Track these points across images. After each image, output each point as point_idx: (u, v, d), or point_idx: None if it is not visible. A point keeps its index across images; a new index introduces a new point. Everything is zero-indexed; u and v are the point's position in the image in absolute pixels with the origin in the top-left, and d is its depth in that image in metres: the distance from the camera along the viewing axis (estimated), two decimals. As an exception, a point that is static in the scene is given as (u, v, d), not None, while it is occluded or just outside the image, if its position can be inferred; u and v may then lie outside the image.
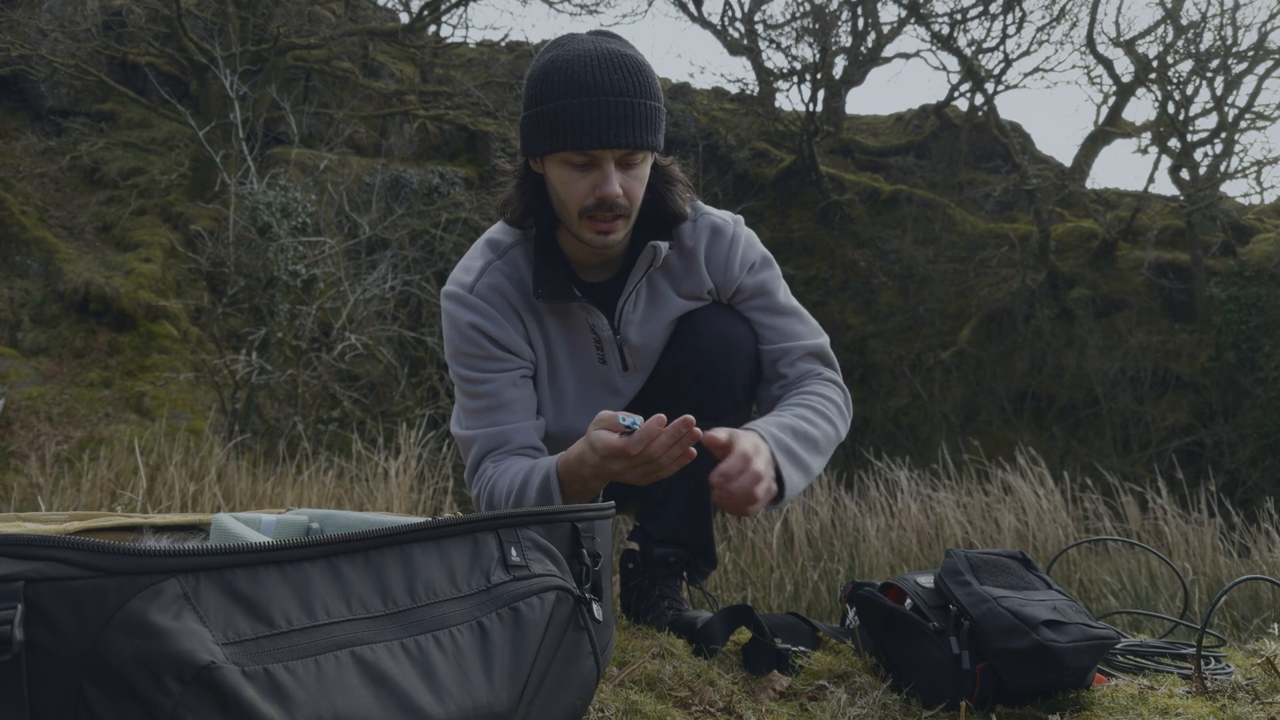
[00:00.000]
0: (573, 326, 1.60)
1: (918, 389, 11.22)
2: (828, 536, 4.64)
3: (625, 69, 1.40)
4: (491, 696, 0.81)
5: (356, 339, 7.88)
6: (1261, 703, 1.29)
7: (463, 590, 0.86)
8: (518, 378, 1.56)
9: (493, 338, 1.55)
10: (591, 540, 1.03)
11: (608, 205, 1.43)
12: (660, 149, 1.48)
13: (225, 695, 0.65)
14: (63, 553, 0.67)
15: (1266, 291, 10.71)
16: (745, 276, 1.63)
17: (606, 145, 1.38)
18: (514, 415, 1.54)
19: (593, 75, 1.38)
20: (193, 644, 0.65)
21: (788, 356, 1.62)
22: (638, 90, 1.40)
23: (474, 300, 1.55)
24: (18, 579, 0.65)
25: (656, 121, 1.44)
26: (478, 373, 1.55)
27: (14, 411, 7.35)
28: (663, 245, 1.53)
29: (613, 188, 1.41)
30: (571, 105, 1.38)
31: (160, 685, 0.64)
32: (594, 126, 1.37)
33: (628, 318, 1.58)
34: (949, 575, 1.37)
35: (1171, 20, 12.12)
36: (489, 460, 1.52)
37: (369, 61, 12.49)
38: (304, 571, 0.76)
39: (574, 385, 1.62)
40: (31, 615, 0.65)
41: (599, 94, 1.38)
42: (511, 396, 1.55)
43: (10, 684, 0.64)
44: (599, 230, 1.46)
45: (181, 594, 0.68)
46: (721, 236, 1.61)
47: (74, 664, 0.65)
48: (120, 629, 0.65)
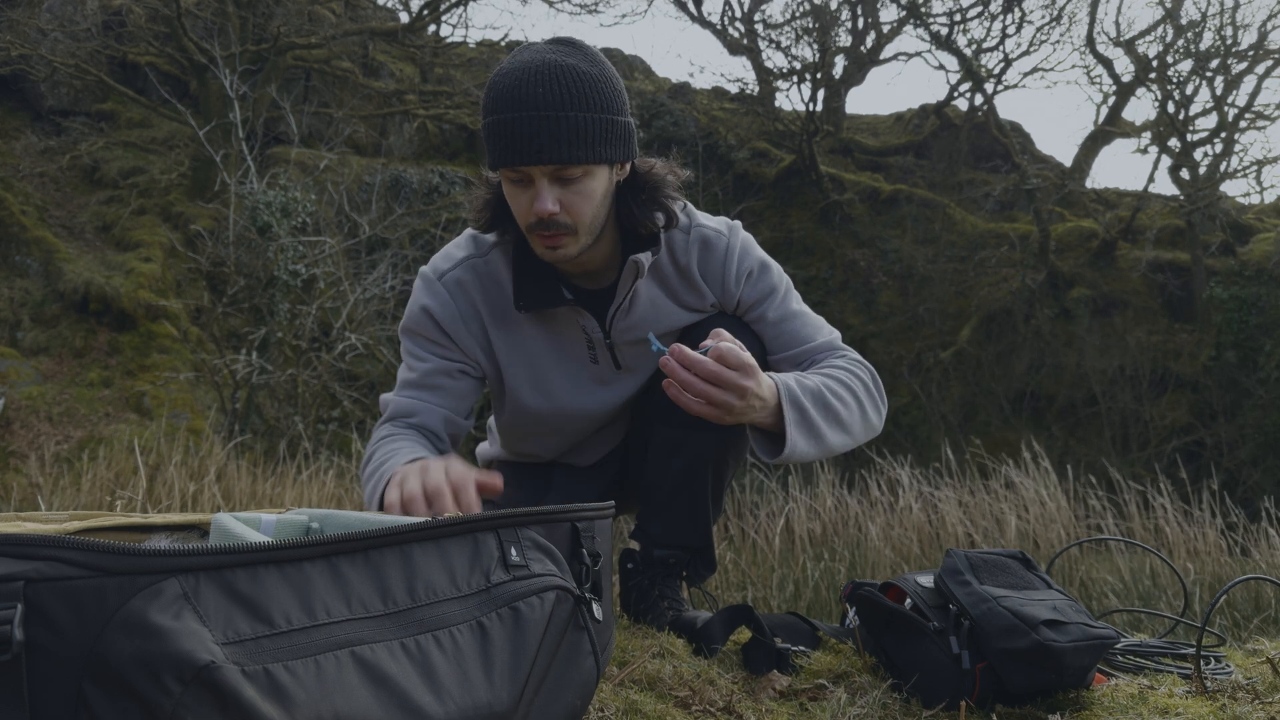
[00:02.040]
0: (560, 327, 1.58)
1: (916, 389, 11.22)
2: (828, 536, 4.64)
3: (559, 81, 1.35)
4: (492, 696, 0.81)
5: (356, 339, 7.88)
6: (1261, 702, 1.29)
7: (462, 590, 0.85)
8: (454, 370, 1.57)
9: (440, 324, 1.56)
10: (591, 540, 1.03)
11: (545, 223, 1.39)
12: (607, 160, 1.40)
13: (225, 695, 0.65)
14: (63, 552, 0.66)
15: (1266, 291, 10.72)
16: (744, 288, 1.59)
17: (529, 161, 1.35)
18: (433, 398, 1.55)
19: (521, 90, 1.34)
20: (193, 644, 0.65)
21: (803, 357, 1.58)
22: (568, 103, 1.34)
23: (438, 288, 1.56)
24: (18, 579, 0.65)
25: (595, 134, 1.37)
26: (419, 349, 1.58)
27: (14, 411, 7.35)
28: (644, 258, 1.49)
29: (544, 205, 1.37)
30: (500, 121, 1.35)
31: (160, 685, 0.63)
32: (517, 142, 1.34)
33: (620, 323, 1.56)
34: (949, 575, 1.37)
35: (1171, 20, 12.13)
36: (391, 425, 1.54)
37: (369, 61, 12.50)
38: (304, 571, 0.76)
39: (564, 383, 1.61)
40: (31, 615, 0.64)
41: (523, 109, 1.34)
42: (440, 383, 1.56)
43: (10, 684, 0.63)
44: (547, 245, 1.42)
45: (181, 594, 0.68)
46: (713, 250, 1.57)
47: (74, 664, 0.65)
48: (120, 629, 0.65)
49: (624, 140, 1.43)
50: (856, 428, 1.50)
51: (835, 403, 1.45)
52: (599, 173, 1.41)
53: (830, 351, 1.59)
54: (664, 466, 1.61)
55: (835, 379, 1.49)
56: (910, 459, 5.15)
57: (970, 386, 11.33)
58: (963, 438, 8.38)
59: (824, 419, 1.43)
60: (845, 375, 1.52)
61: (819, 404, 1.43)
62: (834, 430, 1.45)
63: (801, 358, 1.57)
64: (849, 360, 1.57)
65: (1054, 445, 10.08)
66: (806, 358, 1.57)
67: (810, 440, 1.41)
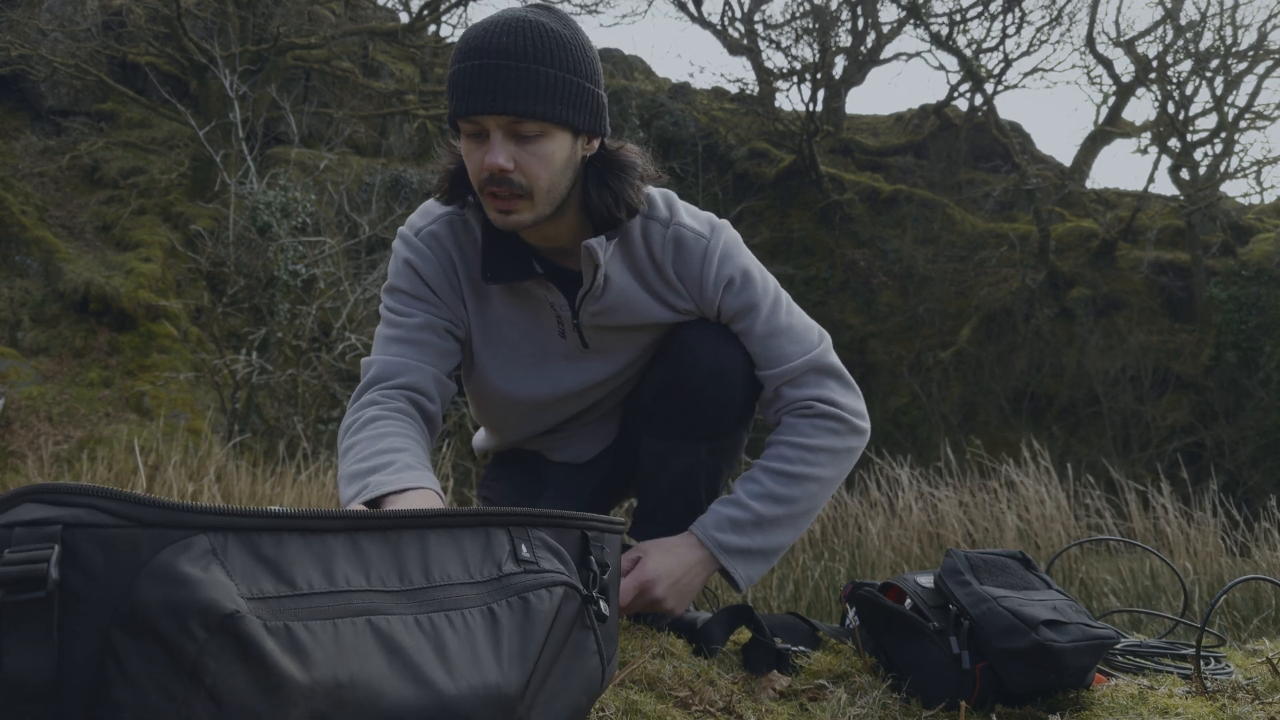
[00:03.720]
0: (530, 302, 1.53)
1: (916, 389, 11.22)
2: (828, 536, 4.64)
3: (524, 34, 1.29)
4: (501, 678, 0.83)
5: (356, 339, 7.88)
6: (1261, 703, 1.29)
7: (475, 577, 0.88)
8: (439, 326, 1.50)
9: (425, 279, 1.50)
10: (601, 550, 1.04)
11: (497, 179, 1.32)
12: (573, 125, 1.33)
13: (248, 645, 0.67)
14: (100, 501, 0.69)
15: (1266, 291, 10.72)
16: (724, 298, 1.50)
17: (483, 110, 1.28)
18: (419, 354, 1.47)
19: (486, 39, 1.29)
20: (219, 593, 0.67)
21: (784, 378, 1.52)
22: (530, 56, 1.28)
23: (417, 243, 1.51)
24: (56, 523, 0.67)
25: (556, 92, 1.30)
26: (402, 304, 1.50)
27: (14, 411, 7.35)
28: (595, 244, 1.41)
29: (495, 158, 1.29)
30: (461, 70, 1.30)
31: (186, 631, 0.65)
32: (475, 90, 1.28)
33: (589, 307, 1.50)
34: (949, 575, 1.37)
35: (1171, 20, 12.13)
36: (376, 390, 1.45)
37: (369, 61, 12.50)
38: (326, 542, 0.78)
39: (528, 352, 1.56)
40: (67, 558, 0.66)
41: (484, 57, 1.28)
42: (425, 338, 1.48)
43: (41, 622, 0.65)
44: (499, 209, 1.35)
45: (210, 549, 0.71)
46: (688, 252, 1.48)
47: (104, 609, 0.67)
48: (151, 577, 0.67)
49: (590, 110, 1.36)
50: (812, 502, 1.52)
51: (781, 510, 1.49)
52: (559, 136, 1.33)
53: (808, 377, 1.52)
54: (656, 475, 1.60)
55: (786, 472, 1.49)
56: (910, 459, 5.15)
57: (970, 386, 11.33)
58: (963, 438, 8.38)
59: (769, 538, 1.49)
60: (801, 454, 1.49)
61: (760, 529, 1.48)
62: (788, 532, 1.51)
63: (780, 380, 1.52)
64: (814, 417, 1.51)
65: (1054, 445, 10.08)
66: (783, 380, 1.52)
67: (764, 563, 1.50)
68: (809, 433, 1.51)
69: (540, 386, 1.58)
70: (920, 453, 8.19)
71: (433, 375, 1.47)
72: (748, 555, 1.48)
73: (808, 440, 1.51)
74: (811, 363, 1.52)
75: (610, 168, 1.42)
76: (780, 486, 1.49)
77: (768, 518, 1.48)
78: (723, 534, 1.47)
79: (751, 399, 1.57)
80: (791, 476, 1.49)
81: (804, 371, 1.52)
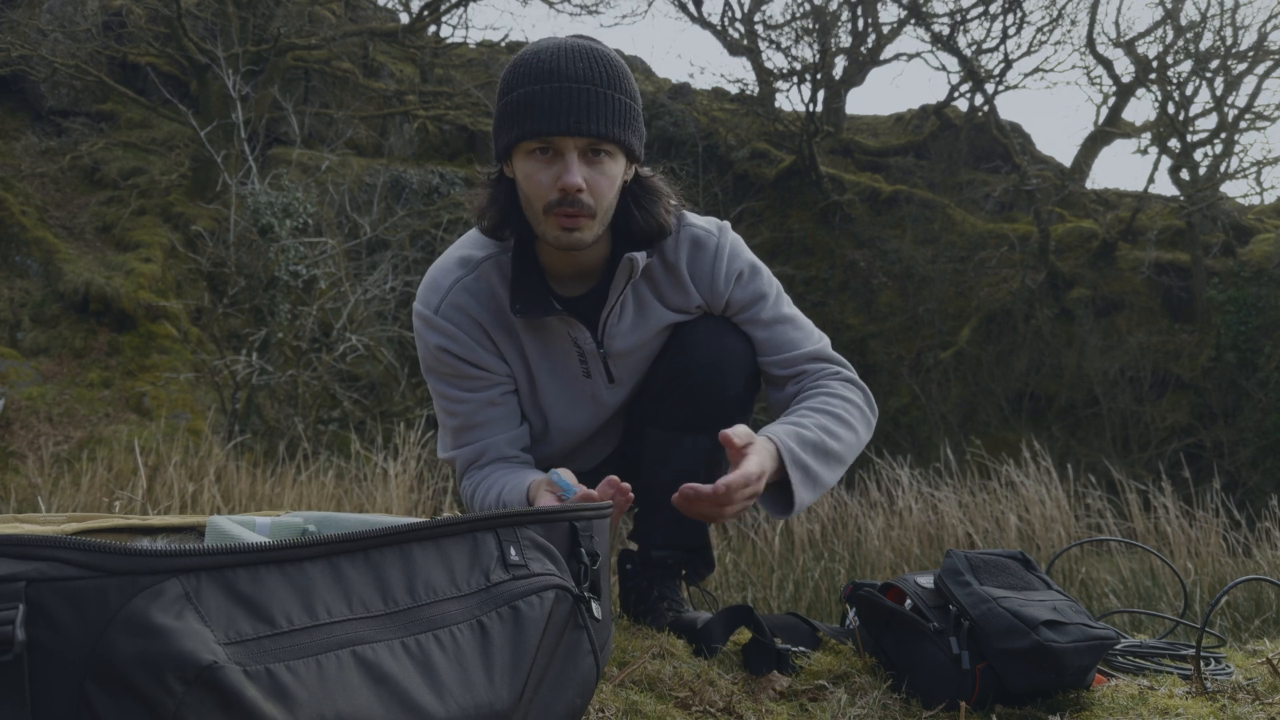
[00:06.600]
0: (553, 340, 1.56)
1: (916, 389, 11.22)
2: (828, 536, 4.64)
3: (594, 60, 1.36)
4: (492, 695, 0.82)
5: (357, 339, 7.88)
6: (1262, 703, 1.29)
7: (462, 589, 0.86)
8: (496, 395, 1.55)
9: (462, 358, 1.53)
10: (590, 539, 1.03)
11: (570, 199, 1.36)
12: (632, 150, 1.41)
13: (228, 695, 0.65)
14: (64, 553, 0.66)
15: (1266, 292, 10.71)
16: (734, 290, 1.56)
17: (566, 131, 1.33)
18: (490, 432, 1.55)
19: (558, 63, 1.35)
20: (195, 644, 0.65)
21: (791, 364, 1.57)
22: (605, 81, 1.36)
23: (440, 323, 1.52)
24: (19, 579, 0.65)
25: (626, 118, 1.38)
26: (453, 389, 1.55)
27: (14, 411, 7.35)
28: (639, 256, 1.47)
29: (573, 178, 1.34)
30: (534, 92, 1.34)
31: (163, 685, 0.64)
32: (554, 112, 1.33)
33: (612, 331, 1.54)
34: (949, 575, 1.37)
35: (1171, 21, 12.13)
36: (471, 473, 1.54)
37: (369, 62, 12.50)
38: (305, 571, 0.76)
39: (558, 400, 1.60)
40: (33, 615, 0.64)
41: (562, 80, 1.34)
42: (488, 416, 1.55)
43: (12, 684, 0.63)
44: (564, 226, 1.38)
45: (183, 594, 0.68)
46: (703, 250, 1.55)
47: (76, 664, 0.65)
48: (122, 629, 0.65)
49: (641, 138, 1.44)
50: (853, 455, 1.54)
51: (835, 445, 1.48)
52: (620, 159, 1.41)
53: (821, 363, 1.59)
54: (659, 468, 1.61)
55: (833, 414, 1.51)
56: (910, 459, 5.14)
57: (970, 387, 11.32)
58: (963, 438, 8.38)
59: (825, 467, 1.47)
60: (842, 406, 1.53)
61: (820, 455, 1.46)
62: (834, 471, 1.49)
63: (790, 364, 1.57)
64: (841, 381, 1.57)
65: (1054, 445, 10.08)
66: (795, 365, 1.57)
67: (814, 491, 1.46)
68: (842, 390, 1.56)
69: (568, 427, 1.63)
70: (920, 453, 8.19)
71: (507, 440, 1.55)
72: (805, 473, 1.43)
73: (844, 394, 1.55)
74: (820, 352, 1.60)
75: (647, 193, 1.50)
76: (830, 423, 1.50)
77: (823, 447, 1.47)
78: (793, 443, 1.43)
79: (752, 389, 1.61)
80: (838, 418, 1.51)
81: (813, 358, 1.58)
